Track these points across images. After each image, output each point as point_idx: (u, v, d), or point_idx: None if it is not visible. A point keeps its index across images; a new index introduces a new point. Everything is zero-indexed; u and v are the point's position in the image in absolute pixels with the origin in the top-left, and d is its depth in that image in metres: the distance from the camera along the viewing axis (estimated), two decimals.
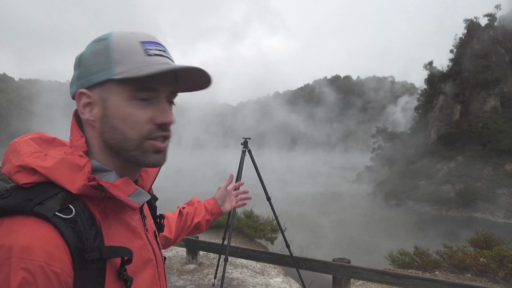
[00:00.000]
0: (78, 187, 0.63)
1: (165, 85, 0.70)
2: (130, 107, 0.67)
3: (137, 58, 0.66)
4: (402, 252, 6.86)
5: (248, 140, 3.80)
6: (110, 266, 0.64)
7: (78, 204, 0.64)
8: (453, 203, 34.31)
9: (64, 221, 0.60)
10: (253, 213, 9.34)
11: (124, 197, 0.66)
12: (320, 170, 71.88)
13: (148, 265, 0.76)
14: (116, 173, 0.71)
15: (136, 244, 0.73)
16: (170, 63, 0.68)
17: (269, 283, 5.03)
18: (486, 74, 42.89)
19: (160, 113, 0.69)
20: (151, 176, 0.83)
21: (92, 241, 0.62)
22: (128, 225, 0.73)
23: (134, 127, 0.67)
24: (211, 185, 40.93)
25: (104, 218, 0.67)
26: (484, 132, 39.69)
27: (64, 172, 0.64)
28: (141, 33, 0.70)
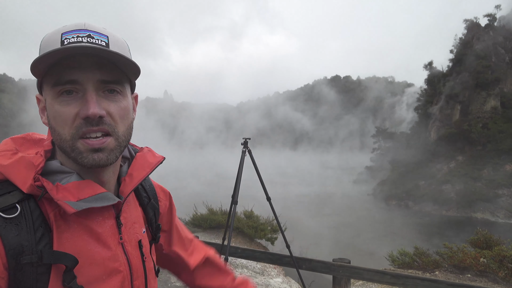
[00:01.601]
0: (27, 187, 0.62)
1: (87, 74, 0.64)
2: (56, 104, 0.64)
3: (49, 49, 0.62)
4: (402, 252, 6.85)
5: (248, 140, 3.80)
6: (55, 271, 0.61)
7: (29, 204, 0.62)
8: (453, 203, 34.31)
9: (5, 220, 0.59)
10: (253, 213, 9.34)
11: (62, 200, 0.62)
12: (320, 170, 71.86)
13: (114, 276, 0.69)
14: (78, 175, 0.69)
15: (96, 252, 0.67)
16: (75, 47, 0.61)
17: (269, 283, 5.03)
18: (486, 74, 42.90)
19: (83, 106, 0.64)
20: (135, 181, 0.78)
21: (34, 243, 0.60)
22: (92, 231, 0.68)
23: (64, 126, 0.64)
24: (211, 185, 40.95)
25: (61, 221, 0.64)
26: (484, 132, 39.69)
27: (20, 171, 0.64)
28: (71, 24, 0.66)
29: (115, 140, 0.68)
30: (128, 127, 0.72)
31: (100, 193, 0.68)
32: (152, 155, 0.85)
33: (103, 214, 0.71)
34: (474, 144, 40.37)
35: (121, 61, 0.66)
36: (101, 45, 0.64)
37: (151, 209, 0.88)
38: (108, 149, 0.67)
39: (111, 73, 0.67)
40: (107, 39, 0.67)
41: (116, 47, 0.67)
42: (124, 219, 0.76)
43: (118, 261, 0.71)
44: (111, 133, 0.67)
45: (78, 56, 0.63)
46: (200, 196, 13.58)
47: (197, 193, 24.25)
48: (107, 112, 0.66)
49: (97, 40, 0.65)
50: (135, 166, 0.80)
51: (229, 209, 3.87)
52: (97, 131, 0.65)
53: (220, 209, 9.59)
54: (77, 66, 0.63)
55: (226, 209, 9.28)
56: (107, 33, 0.68)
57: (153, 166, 0.82)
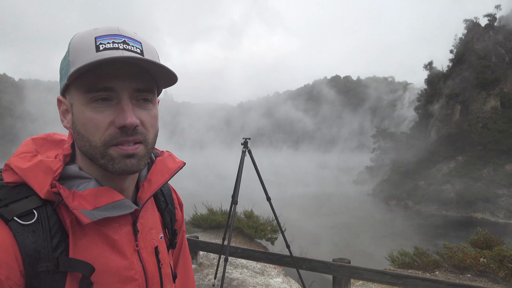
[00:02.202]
0: (45, 192, 0.61)
1: (123, 82, 0.63)
2: (88, 110, 0.63)
3: (87, 56, 0.60)
4: (402, 253, 6.85)
5: (248, 140, 3.80)
6: (71, 279, 0.60)
7: (46, 210, 0.61)
8: (453, 203, 34.31)
9: (22, 227, 0.58)
10: (253, 213, 9.33)
11: (77, 209, 0.61)
12: (320, 170, 71.87)
13: (129, 284, 0.68)
14: (96, 182, 0.68)
15: (112, 260, 0.66)
16: (115, 55, 0.60)
17: (269, 283, 5.03)
18: (486, 74, 42.91)
19: (118, 115, 0.63)
20: (154, 187, 0.76)
21: (50, 250, 0.59)
22: (108, 238, 0.66)
23: (95, 133, 0.63)
24: (211, 185, 40.96)
25: (77, 228, 0.63)
26: (484, 132, 39.71)
27: (38, 175, 0.63)
28: (104, 28, 0.65)
29: (144, 147, 0.67)
30: (155, 134, 0.72)
31: (117, 201, 0.67)
32: (172, 160, 0.83)
33: (120, 221, 0.70)
34: (474, 144, 40.37)
35: (156, 69, 0.65)
36: (136, 52, 0.63)
37: (168, 214, 0.87)
38: (139, 155, 0.66)
39: (145, 82, 0.66)
40: (141, 45, 0.65)
41: (149, 54, 0.66)
42: (141, 225, 0.75)
43: (133, 269, 0.69)
44: (143, 141, 0.67)
45: (113, 63, 0.62)
46: (200, 196, 13.58)
47: (197, 193, 24.27)
48: (140, 120, 0.66)
49: (132, 47, 0.64)
50: (154, 171, 0.78)
51: (229, 209, 3.87)
52: (131, 142, 0.64)
53: (220, 209, 9.59)
54: (113, 74, 0.62)
55: (226, 209, 9.28)
56: (139, 39, 0.67)
57: (172, 172, 0.81)
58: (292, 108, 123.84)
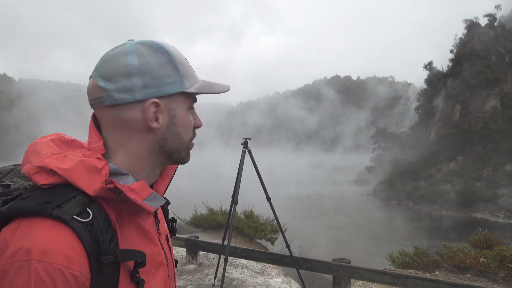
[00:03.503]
0: (96, 190, 0.63)
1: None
2: (188, 115, 0.77)
3: (193, 74, 0.76)
4: (402, 252, 6.86)
5: (248, 140, 3.80)
6: (124, 268, 0.65)
7: (95, 207, 0.64)
8: (453, 203, 34.33)
9: (82, 225, 0.60)
10: (253, 213, 9.33)
11: (140, 201, 0.67)
12: (320, 170, 71.88)
13: (160, 269, 0.76)
14: (133, 177, 0.72)
15: (149, 248, 0.73)
16: (207, 81, 0.79)
17: (269, 283, 5.04)
18: (486, 74, 42.94)
19: (197, 119, 0.81)
20: (166, 181, 0.84)
21: (108, 244, 0.63)
22: (142, 229, 0.73)
23: (188, 132, 0.78)
24: (210, 186, 40.96)
25: (119, 221, 0.68)
26: (484, 132, 39.73)
27: (82, 174, 0.65)
28: (171, 46, 0.77)
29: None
30: None
31: (153, 193, 0.73)
32: None
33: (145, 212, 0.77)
34: (474, 144, 40.39)
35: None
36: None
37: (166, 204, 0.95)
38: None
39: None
40: None
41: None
42: (159, 215, 0.85)
43: (161, 254, 0.78)
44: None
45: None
46: (200, 196, 13.58)
47: (197, 193, 24.27)
48: None
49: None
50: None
51: (229, 209, 3.87)
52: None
53: (220, 209, 9.59)
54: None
55: (226, 209, 9.28)
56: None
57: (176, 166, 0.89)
58: (292, 108, 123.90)
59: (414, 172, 41.80)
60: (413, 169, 42.38)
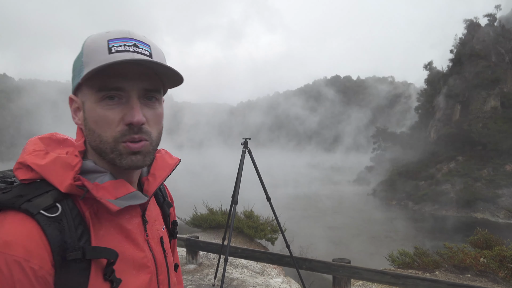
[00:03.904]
0: (66, 186, 0.65)
1: (133, 83, 0.68)
2: (100, 108, 0.67)
3: (100, 58, 0.65)
4: (402, 253, 6.85)
5: (248, 140, 3.80)
6: (95, 266, 0.64)
7: (67, 203, 0.65)
8: (453, 203, 34.32)
9: (48, 219, 0.61)
10: (253, 213, 9.33)
11: (104, 199, 0.65)
12: (320, 170, 71.87)
13: (143, 271, 0.73)
14: (111, 175, 0.72)
15: (128, 248, 0.71)
16: (126, 57, 0.65)
17: (269, 283, 5.03)
18: (486, 74, 42.92)
19: (128, 113, 0.67)
20: (158, 180, 0.82)
21: (76, 240, 0.63)
22: (122, 228, 0.71)
23: (107, 129, 0.67)
24: (210, 186, 40.96)
25: (95, 219, 0.67)
26: (484, 132, 39.69)
27: (57, 170, 0.66)
28: (116, 31, 0.69)
29: (149, 144, 0.72)
30: (160, 132, 0.77)
31: (132, 192, 0.72)
32: (169, 157, 0.89)
33: (131, 212, 0.75)
34: (474, 144, 40.37)
35: (163, 71, 0.70)
36: (145, 54, 0.68)
37: (167, 206, 0.94)
38: (145, 152, 0.71)
39: (153, 82, 0.71)
40: (150, 48, 0.70)
41: (157, 56, 0.71)
42: (148, 217, 0.81)
43: (146, 257, 0.75)
44: (148, 139, 0.71)
45: (125, 64, 0.66)
46: (200, 196, 13.58)
47: (197, 193, 24.27)
48: (146, 118, 0.71)
49: (142, 50, 0.68)
50: (156, 166, 0.84)
51: (229, 209, 3.87)
52: (137, 138, 0.69)
53: (220, 209, 9.59)
54: (123, 74, 0.67)
55: (226, 209, 9.28)
56: (148, 41, 0.71)
57: (172, 167, 0.87)
58: (292, 107, 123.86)
59: (414, 172, 41.77)
60: (413, 169, 42.36)
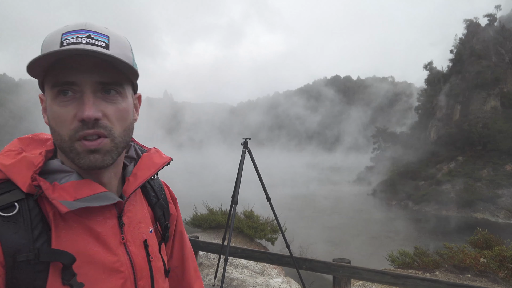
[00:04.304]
0: (26, 186, 0.64)
1: (85, 76, 0.64)
2: (55, 105, 0.65)
3: (47, 50, 0.63)
4: (402, 253, 6.85)
5: (248, 140, 3.79)
6: (53, 269, 0.62)
7: (28, 203, 0.63)
8: (453, 203, 34.32)
9: (2, 219, 0.60)
10: (253, 213, 9.33)
11: (56, 200, 0.63)
12: (320, 170, 71.86)
13: (114, 276, 0.69)
14: (78, 175, 0.69)
15: (96, 251, 0.67)
16: (71, 49, 0.61)
17: (269, 283, 5.03)
18: (486, 74, 42.91)
19: (81, 109, 0.63)
20: (139, 181, 0.78)
21: (32, 241, 0.61)
22: (92, 231, 0.68)
23: (62, 127, 0.65)
24: (210, 186, 40.96)
25: (60, 220, 0.65)
26: (484, 132, 39.69)
27: (21, 170, 0.65)
28: (73, 24, 0.66)
29: (111, 141, 0.68)
30: (126, 128, 0.72)
31: (99, 193, 0.68)
32: (159, 156, 0.86)
33: (105, 214, 0.71)
34: (474, 144, 40.37)
35: (118, 63, 0.66)
36: (101, 46, 0.64)
37: (160, 208, 0.89)
38: (104, 150, 0.67)
39: (110, 75, 0.66)
40: (108, 39, 0.66)
41: (117, 48, 0.67)
42: (128, 219, 0.76)
43: (118, 261, 0.70)
44: (107, 135, 0.67)
45: (77, 57, 0.63)
46: (200, 196, 13.57)
47: (197, 193, 24.27)
48: (104, 113, 0.66)
49: (96, 41, 0.64)
50: (140, 166, 0.81)
51: (229, 209, 3.86)
52: (93, 134, 0.65)
53: (220, 209, 9.59)
54: (75, 68, 0.63)
55: (226, 209, 9.27)
56: (108, 33, 0.67)
57: (158, 166, 0.83)
58: (292, 107, 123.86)
59: (414, 172, 41.77)
60: (413, 169, 42.36)
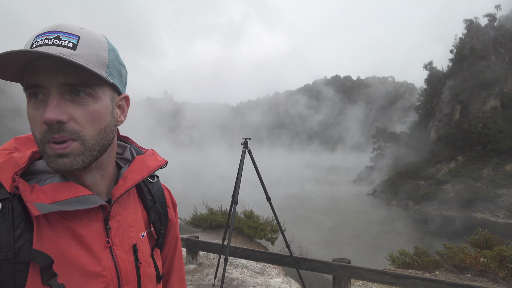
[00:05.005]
0: (9, 186, 0.64)
1: (50, 78, 0.63)
2: (29, 107, 0.65)
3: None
4: (402, 252, 6.85)
5: (248, 140, 3.79)
6: (33, 269, 0.62)
7: (12, 203, 0.64)
8: (453, 203, 34.31)
9: None
10: (253, 213, 9.33)
11: (30, 202, 0.63)
12: (319, 170, 71.85)
13: (95, 280, 0.68)
14: (62, 177, 0.69)
15: (77, 254, 0.67)
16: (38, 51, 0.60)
17: (269, 283, 5.03)
18: (486, 74, 42.90)
19: (47, 110, 0.63)
20: (128, 184, 0.77)
21: (12, 240, 0.61)
22: (75, 233, 0.67)
23: (35, 129, 0.65)
24: (210, 186, 40.96)
25: (42, 221, 0.64)
26: (484, 132, 39.67)
27: (7, 170, 0.66)
28: (49, 26, 0.66)
29: (80, 145, 0.66)
30: (101, 130, 0.70)
31: (81, 196, 0.68)
32: (154, 159, 0.85)
33: (90, 217, 0.70)
34: (474, 144, 40.35)
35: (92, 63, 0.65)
36: (68, 46, 0.63)
37: (155, 212, 0.87)
38: (73, 154, 0.66)
39: (78, 76, 0.65)
40: (78, 39, 0.65)
41: (87, 47, 0.65)
42: (117, 222, 0.75)
43: (100, 265, 0.69)
44: (76, 138, 0.66)
45: (43, 59, 0.63)
46: (200, 196, 13.58)
47: (197, 193, 24.28)
48: (71, 116, 0.65)
49: (64, 42, 0.63)
50: (131, 169, 0.80)
51: (229, 209, 3.87)
52: (58, 138, 0.64)
53: (220, 209, 9.59)
54: (42, 70, 0.63)
55: (226, 209, 9.27)
56: (81, 33, 0.66)
57: (151, 169, 0.82)
58: (292, 107, 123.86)
59: (414, 172, 41.76)
60: (413, 169, 42.35)
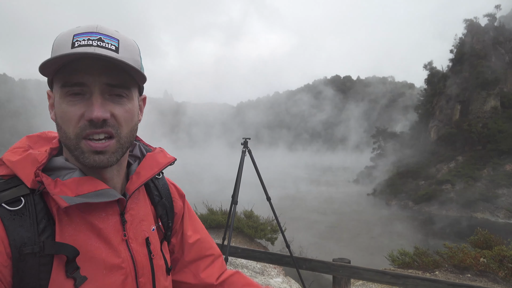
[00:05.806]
0: (30, 181, 0.66)
1: (94, 78, 0.66)
2: (64, 104, 0.67)
3: (61, 52, 0.64)
4: (402, 252, 6.86)
5: (248, 140, 3.79)
6: (57, 262, 0.64)
7: (33, 198, 0.66)
8: (453, 203, 34.32)
9: (9, 212, 0.62)
10: (253, 213, 9.34)
11: (57, 195, 0.65)
12: (319, 170, 71.87)
13: (115, 272, 0.70)
14: (81, 172, 0.71)
15: (97, 247, 0.69)
16: (84, 51, 0.63)
17: (269, 283, 5.03)
18: (486, 74, 42.90)
19: (88, 108, 0.66)
20: (142, 179, 0.79)
21: (37, 234, 0.63)
22: (94, 227, 0.69)
23: (69, 125, 0.67)
24: (210, 186, 40.98)
25: (63, 215, 0.67)
26: (484, 132, 39.69)
27: (26, 167, 0.68)
28: (84, 26, 0.68)
29: (117, 142, 0.70)
30: (131, 129, 0.74)
31: (101, 190, 0.70)
32: (163, 156, 0.88)
33: (107, 211, 0.73)
34: (474, 144, 40.37)
35: (128, 66, 0.68)
36: (111, 49, 0.66)
37: (162, 207, 0.90)
38: (110, 151, 0.70)
39: (118, 77, 0.69)
40: (118, 43, 0.68)
41: (126, 51, 0.69)
42: (131, 216, 0.78)
43: (120, 257, 0.72)
44: (114, 135, 0.70)
45: (87, 59, 0.65)
46: (200, 196, 13.59)
47: (197, 193, 24.29)
48: (112, 114, 0.69)
49: (107, 44, 0.66)
50: (143, 165, 0.83)
51: (229, 209, 3.86)
52: (100, 133, 0.68)
53: (220, 209, 9.60)
54: (85, 69, 0.66)
55: (226, 209, 9.28)
56: (118, 36, 0.70)
57: (162, 166, 0.85)
58: (292, 107, 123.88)
59: (414, 172, 41.77)
60: (413, 169, 42.35)
